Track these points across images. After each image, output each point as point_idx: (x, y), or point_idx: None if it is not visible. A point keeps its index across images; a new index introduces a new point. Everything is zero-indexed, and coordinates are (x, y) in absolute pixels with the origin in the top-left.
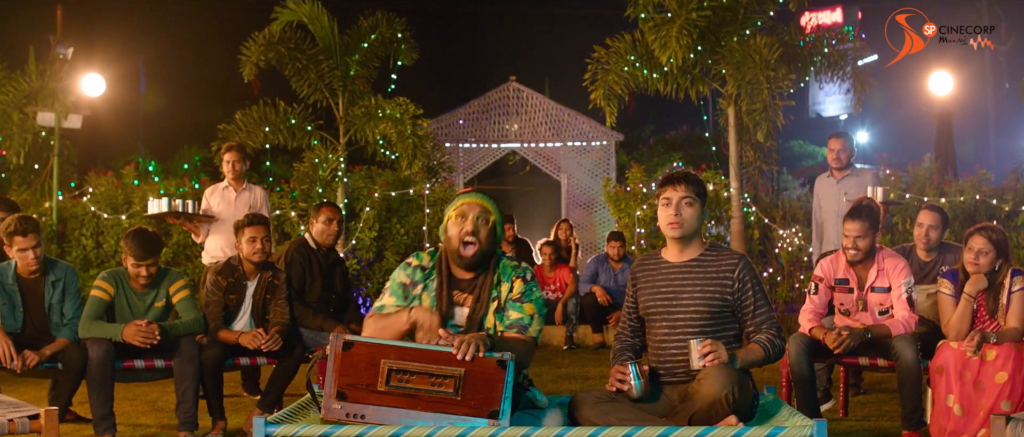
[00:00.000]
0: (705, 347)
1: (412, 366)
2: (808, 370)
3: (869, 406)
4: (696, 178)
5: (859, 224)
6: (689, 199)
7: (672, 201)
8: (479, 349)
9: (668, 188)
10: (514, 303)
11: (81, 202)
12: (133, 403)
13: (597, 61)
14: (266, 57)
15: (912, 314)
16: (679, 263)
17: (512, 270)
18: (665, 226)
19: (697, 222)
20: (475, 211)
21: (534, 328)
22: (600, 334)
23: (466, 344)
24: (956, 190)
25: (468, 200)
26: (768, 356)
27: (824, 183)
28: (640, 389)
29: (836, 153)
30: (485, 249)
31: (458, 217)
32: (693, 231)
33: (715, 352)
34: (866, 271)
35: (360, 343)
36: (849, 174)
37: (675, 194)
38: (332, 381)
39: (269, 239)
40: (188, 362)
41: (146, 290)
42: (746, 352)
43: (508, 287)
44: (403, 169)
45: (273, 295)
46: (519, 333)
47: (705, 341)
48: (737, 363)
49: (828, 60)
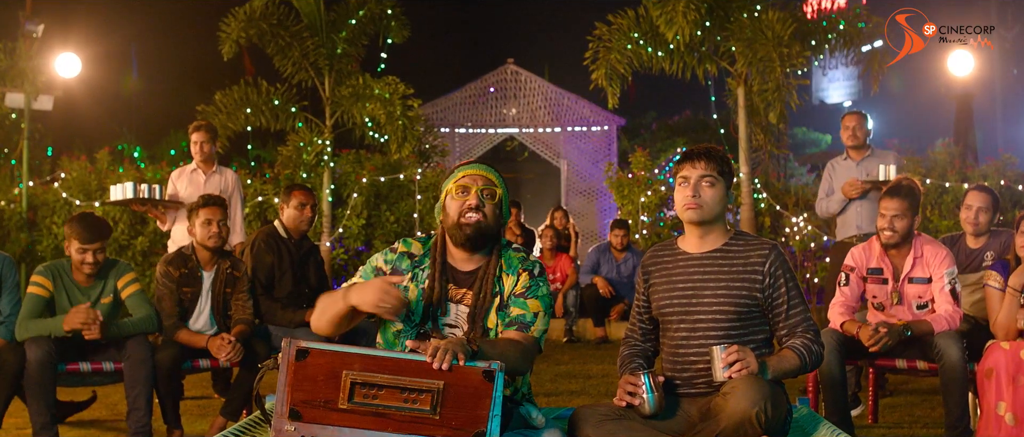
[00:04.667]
0: (731, 355)
1: (380, 378)
2: (839, 372)
3: (899, 410)
4: (720, 154)
5: (899, 202)
6: (710, 178)
7: (690, 180)
8: (458, 357)
9: (686, 165)
10: (517, 299)
11: (52, 188)
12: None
13: (598, 39)
14: (247, 34)
15: (956, 308)
16: (699, 254)
17: (519, 262)
18: (681, 209)
19: (720, 205)
20: (479, 184)
21: (537, 327)
22: (602, 328)
23: (442, 351)
24: (979, 175)
25: (470, 171)
26: (804, 365)
27: (841, 166)
28: (653, 404)
29: (851, 130)
30: (490, 225)
31: (459, 190)
32: (715, 215)
33: (743, 361)
34: (902, 259)
35: (318, 351)
36: (869, 155)
37: (694, 172)
38: (284, 397)
39: (226, 224)
40: (140, 365)
41: (91, 284)
42: (779, 360)
43: (513, 281)
44: (393, 153)
45: (234, 289)
46: (518, 332)
47: (730, 348)
48: (768, 373)
49: (843, 38)
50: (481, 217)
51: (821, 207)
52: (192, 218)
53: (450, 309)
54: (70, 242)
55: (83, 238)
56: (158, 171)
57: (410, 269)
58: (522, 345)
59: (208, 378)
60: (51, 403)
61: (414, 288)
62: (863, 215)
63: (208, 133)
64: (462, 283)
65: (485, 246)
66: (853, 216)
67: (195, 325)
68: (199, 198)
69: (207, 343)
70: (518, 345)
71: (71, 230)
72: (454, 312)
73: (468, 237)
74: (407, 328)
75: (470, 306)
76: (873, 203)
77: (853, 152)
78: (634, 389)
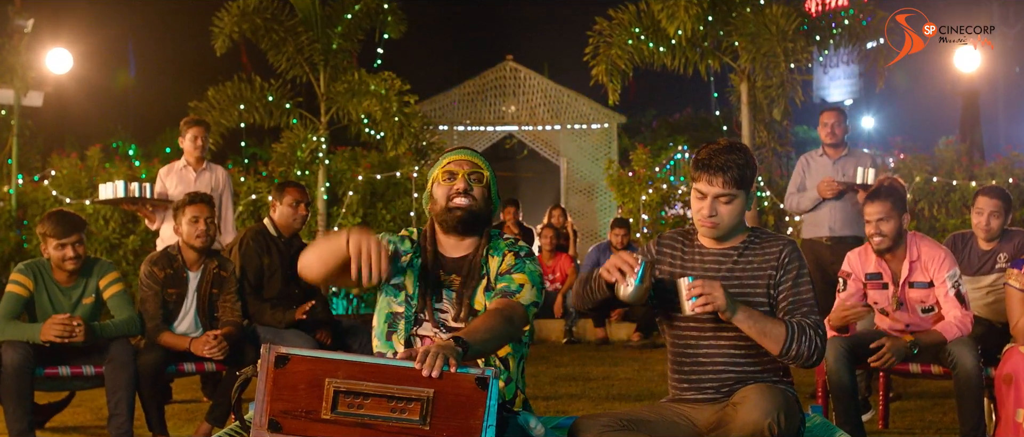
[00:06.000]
0: (694, 288)
1: (365, 387)
2: (848, 379)
3: (910, 415)
4: (739, 163)
5: (881, 205)
6: (727, 197)
7: (706, 197)
8: (449, 363)
9: (702, 178)
10: (502, 276)
11: (42, 186)
12: (76, 409)
13: (599, 34)
14: (240, 28)
15: (965, 312)
16: (715, 250)
17: (505, 245)
18: (697, 221)
19: (739, 218)
20: (465, 168)
21: (525, 296)
22: (602, 328)
23: (432, 356)
24: (987, 173)
25: (455, 157)
26: (788, 337)
27: (817, 162)
28: (634, 293)
29: (830, 128)
30: (480, 208)
31: (445, 176)
32: (733, 228)
33: (707, 295)
34: (899, 262)
35: (298, 357)
36: (846, 154)
37: (710, 189)
38: (263, 407)
39: (214, 222)
40: (121, 368)
41: (73, 283)
42: (760, 315)
43: (498, 262)
44: (389, 150)
45: (221, 289)
46: (501, 299)
47: (696, 281)
48: (738, 313)
49: (849, 33)
50: (470, 201)
51: (791, 202)
52: (178, 216)
53: (443, 296)
54: (46, 242)
55: (59, 232)
56: (151, 169)
57: (410, 251)
58: (505, 313)
59: (198, 381)
60: (29, 408)
61: (410, 273)
62: (836, 217)
63: (205, 129)
64: (451, 269)
65: (476, 231)
66: (825, 216)
67: (180, 328)
68: (185, 196)
69: (190, 344)
70: (500, 313)
71: (45, 229)
72: (445, 298)
73: (459, 220)
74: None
75: (457, 289)
76: (847, 205)
77: (830, 150)
78: (627, 269)
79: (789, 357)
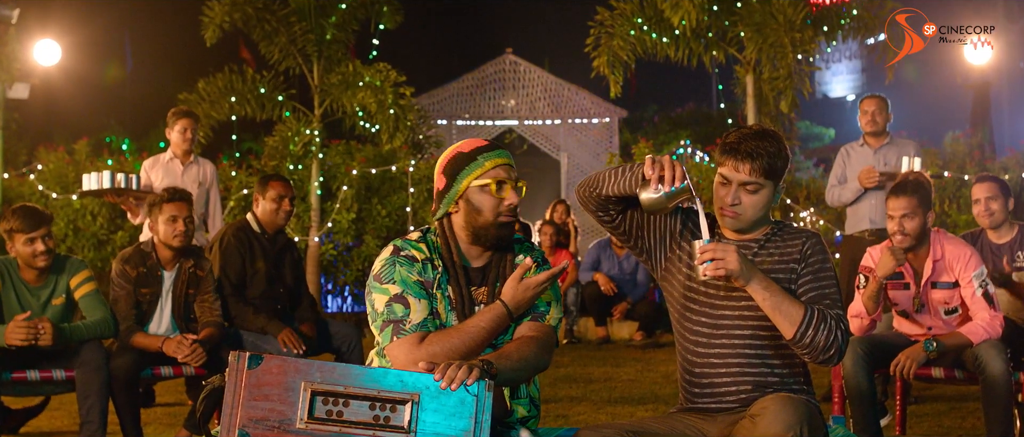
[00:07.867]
0: (705, 253)
1: (345, 390)
2: (867, 383)
3: (928, 420)
4: (770, 151)
5: (906, 200)
6: (753, 185)
7: (731, 184)
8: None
9: (728, 163)
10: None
11: (27, 180)
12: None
13: (600, 24)
14: (231, 18)
15: (994, 314)
16: (737, 240)
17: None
18: (718, 210)
19: (762, 211)
20: (513, 175)
21: (553, 316)
22: (603, 327)
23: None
24: (999, 167)
25: (498, 160)
26: (805, 320)
27: (857, 153)
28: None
29: (871, 116)
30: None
31: (495, 185)
32: (755, 222)
33: (720, 260)
34: (921, 262)
35: (272, 357)
36: (888, 142)
37: (736, 176)
38: (232, 414)
39: (193, 222)
40: (94, 372)
41: (41, 283)
42: (779, 289)
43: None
44: (384, 143)
45: (198, 289)
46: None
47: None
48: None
49: (858, 23)
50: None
51: (832, 196)
52: (155, 213)
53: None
54: (13, 239)
55: (28, 226)
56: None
57: (434, 275)
58: (539, 340)
59: (182, 383)
60: None
61: (441, 297)
62: (878, 208)
63: (194, 120)
64: (476, 281)
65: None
66: (866, 208)
67: (156, 331)
68: (164, 192)
69: (163, 344)
70: (534, 341)
71: (12, 224)
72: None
73: (502, 238)
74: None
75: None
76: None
77: (871, 139)
78: (669, 177)
79: (804, 344)
